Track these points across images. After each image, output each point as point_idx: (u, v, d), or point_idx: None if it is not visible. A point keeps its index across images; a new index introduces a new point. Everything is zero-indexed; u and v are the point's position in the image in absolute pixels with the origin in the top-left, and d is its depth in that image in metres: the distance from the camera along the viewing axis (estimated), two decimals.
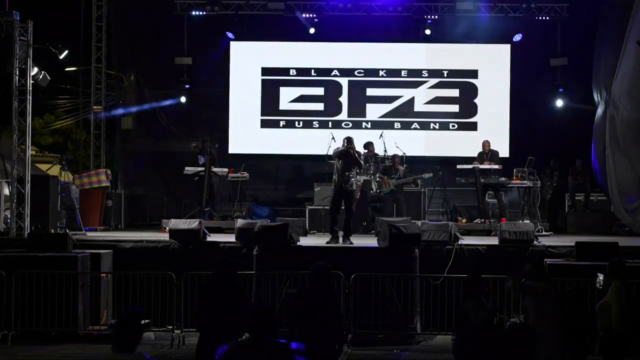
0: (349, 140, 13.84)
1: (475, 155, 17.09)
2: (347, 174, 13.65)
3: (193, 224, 13.45)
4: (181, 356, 11.25)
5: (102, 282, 12.61)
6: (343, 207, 14.01)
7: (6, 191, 15.17)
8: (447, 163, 17.93)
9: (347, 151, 13.69)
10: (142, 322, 5.70)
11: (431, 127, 19.68)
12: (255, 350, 5.46)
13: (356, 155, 13.74)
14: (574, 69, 19.30)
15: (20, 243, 13.25)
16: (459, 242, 12.86)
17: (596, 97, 17.60)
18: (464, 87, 19.71)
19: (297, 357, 5.67)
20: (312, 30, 19.75)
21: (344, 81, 19.87)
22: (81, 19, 20.37)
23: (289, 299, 10.96)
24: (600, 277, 9.04)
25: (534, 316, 8.00)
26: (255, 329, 5.52)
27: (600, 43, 17.38)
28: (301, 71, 19.94)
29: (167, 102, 20.35)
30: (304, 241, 13.65)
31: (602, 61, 17.18)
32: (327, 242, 13.60)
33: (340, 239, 13.63)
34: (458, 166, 16.89)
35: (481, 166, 16.33)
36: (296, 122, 19.86)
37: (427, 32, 19.66)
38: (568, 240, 13.30)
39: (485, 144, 16.90)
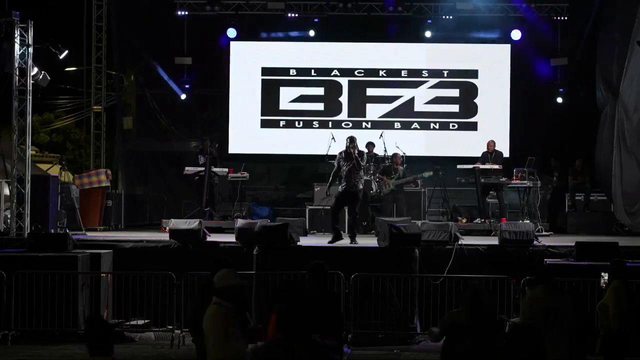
0: (350, 140, 13.81)
1: (475, 154, 17.08)
2: (352, 176, 13.64)
3: (193, 224, 13.45)
4: (181, 356, 11.25)
5: (102, 282, 12.61)
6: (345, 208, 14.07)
7: (6, 191, 15.17)
8: (447, 163, 17.91)
9: (349, 153, 13.67)
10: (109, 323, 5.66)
11: (431, 127, 19.68)
12: (289, 349, 5.42)
13: (356, 155, 13.70)
14: (574, 69, 19.31)
15: (20, 243, 13.24)
16: (459, 242, 12.85)
17: (599, 96, 17.60)
18: (464, 87, 19.70)
19: (331, 353, 5.62)
20: (312, 33, 19.77)
21: (344, 81, 19.87)
22: (82, 19, 20.38)
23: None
24: (605, 276, 9.04)
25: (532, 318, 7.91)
26: (288, 328, 5.48)
27: (605, 43, 17.38)
28: (301, 71, 19.94)
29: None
30: (304, 241, 13.65)
31: (608, 62, 17.19)
32: (330, 242, 13.59)
33: (347, 239, 13.66)
34: (458, 166, 16.88)
35: (481, 166, 16.32)
36: (296, 122, 19.86)
37: (427, 32, 19.66)
38: (568, 240, 13.29)
39: (490, 143, 16.83)
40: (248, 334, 6.35)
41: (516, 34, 19.31)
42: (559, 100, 19.53)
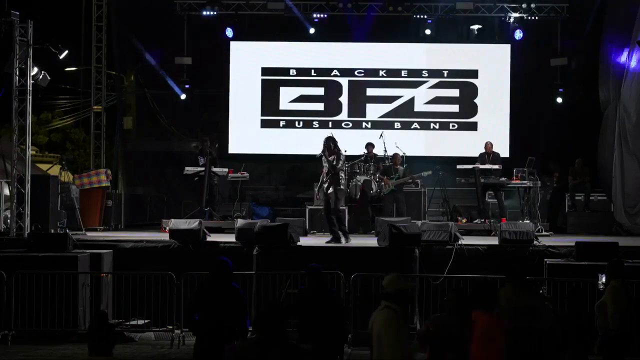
0: (324, 142, 13.89)
1: (475, 155, 17.08)
2: (323, 177, 13.78)
3: (193, 224, 13.45)
4: (181, 356, 11.25)
5: (102, 282, 12.61)
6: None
7: (6, 191, 15.16)
8: (447, 163, 17.93)
9: (322, 155, 13.82)
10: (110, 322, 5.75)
11: (431, 127, 19.68)
12: (264, 350, 5.42)
13: (326, 155, 13.74)
14: (574, 69, 19.31)
15: (20, 243, 13.23)
16: (459, 242, 12.85)
17: (602, 96, 17.61)
18: (464, 87, 19.71)
19: (306, 358, 5.64)
20: (312, 30, 19.78)
21: (344, 81, 19.87)
22: (81, 19, 20.39)
23: (290, 300, 10.98)
24: (603, 278, 9.04)
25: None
26: (264, 328, 5.48)
27: (606, 44, 17.39)
28: (301, 71, 19.94)
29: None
30: (304, 241, 13.67)
31: (611, 62, 17.20)
32: (327, 242, 13.63)
33: (343, 239, 13.68)
34: (458, 166, 16.90)
35: (481, 166, 16.33)
36: (296, 122, 19.86)
37: (427, 32, 19.67)
38: (568, 240, 13.29)
39: (488, 145, 16.83)
40: (424, 339, 6.82)
41: (517, 34, 19.31)
42: (559, 100, 19.52)
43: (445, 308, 7.13)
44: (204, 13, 19.44)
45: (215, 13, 19.46)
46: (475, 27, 19.57)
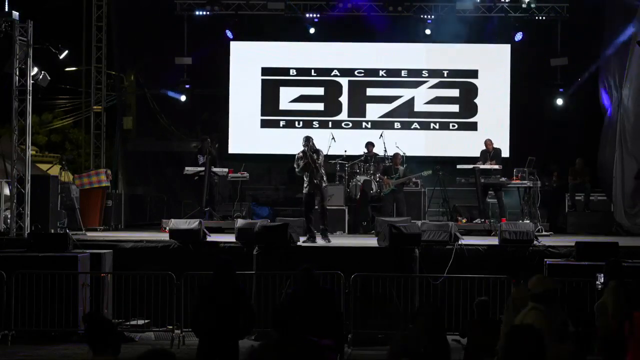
0: (305, 139, 13.93)
1: (475, 155, 17.11)
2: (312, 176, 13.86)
3: (193, 224, 13.46)
4: (181, 356, 11.18)
5: (102, 282, 12.61)
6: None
7: (6, 191, 15.17)
8: (447, 163, 17.93)
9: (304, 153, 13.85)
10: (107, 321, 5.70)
11: (431, 127, 19.67)
12: (285, 349, 5.42)
13: (310, 154, 13.85)
14: (574, 69, 19.30)
15: (20, 243, 13.24)
16: (459, 242, 12.86)
17: (604, 97, 17.61)
18: (464, 87, 19.70)
19: (329, 352, 5.64)
20: (312, 30, 19.77)
21: (344, 81, 19.86)
22: (82, 19, 20.38)
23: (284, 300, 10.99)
24: (601, 277, 9.04)
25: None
26: (283, 327, 5.49)
27: (607, 44, 17.38)
28: (301, 71, 19.94)
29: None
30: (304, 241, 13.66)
31: (610, 63, 17.19)
32: (304, 241, 13.60)
33: (319, 238, 13.75)
34: (458, 166, 16.91)
35: (481, 166, 16.34)
36: (296, 122, 19.86)
37: (427, 32, 19.66)
38: (568, 240, 13.30)
39: (488, 142, 16.87)
40: (570, 336, 6.82)
41: (517, 35, 19.30)
42: (559, 100, 19.51)
43: (417, 325, 7.01)
44: (204, 13, 19.40)
45: (215, 13, 19.43)
46: (475, 27, 19.54)
